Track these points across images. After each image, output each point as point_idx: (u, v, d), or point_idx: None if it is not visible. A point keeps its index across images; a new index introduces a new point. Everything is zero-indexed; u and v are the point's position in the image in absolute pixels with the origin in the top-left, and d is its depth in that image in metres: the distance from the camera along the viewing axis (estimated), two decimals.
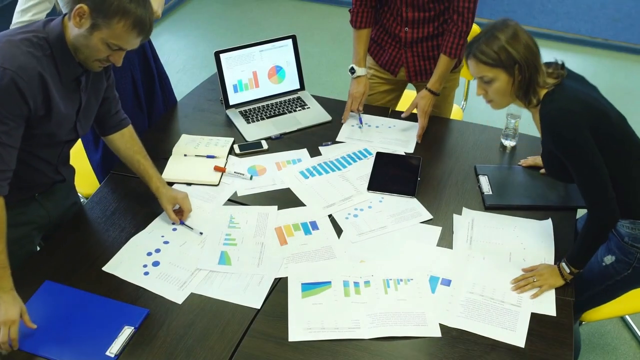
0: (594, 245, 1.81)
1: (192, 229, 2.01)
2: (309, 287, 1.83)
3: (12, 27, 2.14)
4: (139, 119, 2.56)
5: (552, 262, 1.89)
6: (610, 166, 1.72)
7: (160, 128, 2.55)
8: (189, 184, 2.19)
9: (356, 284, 1.83)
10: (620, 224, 1.85)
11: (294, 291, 1.82)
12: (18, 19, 2.17)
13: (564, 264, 1.81)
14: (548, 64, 1.81)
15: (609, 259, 1.89)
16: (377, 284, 1.83)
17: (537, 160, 2.20)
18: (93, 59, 1.70)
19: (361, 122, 2.49)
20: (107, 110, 1.99)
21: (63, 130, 1.81)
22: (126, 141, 2.06)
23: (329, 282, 1.84)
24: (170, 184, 2.14)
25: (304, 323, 1.72)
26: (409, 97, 2.89)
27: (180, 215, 2.04)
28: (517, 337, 1.68)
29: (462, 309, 1.76)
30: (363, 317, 1.74)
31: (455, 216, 2.07)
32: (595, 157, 1.69)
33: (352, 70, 2.52)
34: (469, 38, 2.34)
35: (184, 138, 2.41)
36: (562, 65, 1.82)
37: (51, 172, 1.92)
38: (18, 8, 2.17)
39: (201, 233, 2.00)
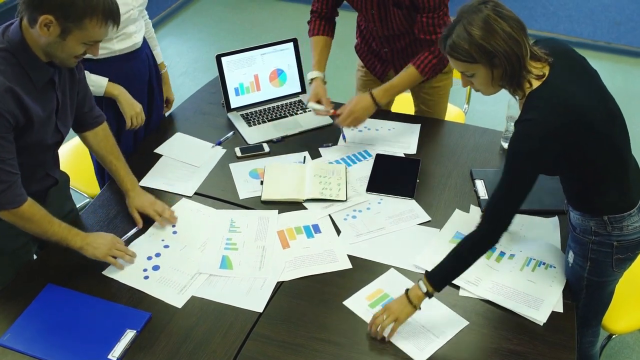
0: (465, 263, 1.68)
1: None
2: (460, 237, 1.85)
3: None
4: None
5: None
6: (583, 165, 1.67)
7: (160, 131, 2.55)
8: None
9: (502, 253, 1.91)
10: (573, 215, 1.82)
11: (445, 232, 1.99)
12: None
13: (421, 283, 1.67)
14: (536, 42, 1.67)
15: (571, 257, 1.85)
16: (519, 260, 1.89)
17: None
18: (70, 59, 1.69)
19: (344, 138, 2.44)
20: (80, 106, 1.94)
21: (47, 134, 1.79)
22: (100, 140, 2.04)
23: None
24: None
25: (436, 258, 1.71)
26: (402, 97, 2.86)
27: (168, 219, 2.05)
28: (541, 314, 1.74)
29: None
30: (486, 279, 1.83)
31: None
32: (528, 181, 1.61)
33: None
34: None
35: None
36: (551, 43, 1.69)
37: (42, 177, 1.92)
38: None
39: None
